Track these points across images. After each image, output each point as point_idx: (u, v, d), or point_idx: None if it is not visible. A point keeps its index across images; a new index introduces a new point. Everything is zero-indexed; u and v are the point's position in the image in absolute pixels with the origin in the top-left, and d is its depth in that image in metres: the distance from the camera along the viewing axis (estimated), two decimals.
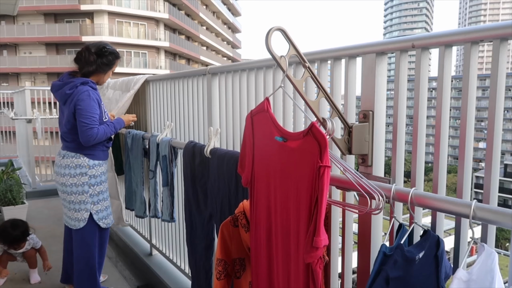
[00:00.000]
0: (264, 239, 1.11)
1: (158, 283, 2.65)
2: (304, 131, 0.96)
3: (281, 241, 1.06)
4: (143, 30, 26.72)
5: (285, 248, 1.05)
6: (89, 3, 24.81)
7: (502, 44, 0.88)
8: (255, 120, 1.12)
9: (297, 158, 0.97)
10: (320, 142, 0.91)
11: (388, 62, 1.21)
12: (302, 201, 0.97)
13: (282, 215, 1.05)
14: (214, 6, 35.59)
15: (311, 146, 0.93)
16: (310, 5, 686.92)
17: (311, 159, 0.93)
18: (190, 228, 1.90)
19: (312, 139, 0.93)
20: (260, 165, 1.11)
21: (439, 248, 0.86)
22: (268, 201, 1.09)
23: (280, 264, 1.08)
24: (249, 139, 1.14)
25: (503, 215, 0.77)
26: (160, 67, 27.32)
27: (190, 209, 1.87)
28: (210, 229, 1.81)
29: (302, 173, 0.96)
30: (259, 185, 1.12)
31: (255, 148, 1.12)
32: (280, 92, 1.48)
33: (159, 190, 2.43)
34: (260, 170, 1.11)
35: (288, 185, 1.02)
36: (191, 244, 1.92)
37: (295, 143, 0.99)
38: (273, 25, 1.05)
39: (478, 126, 50.33)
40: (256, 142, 1.12)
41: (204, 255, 1.86)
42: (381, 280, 0.88)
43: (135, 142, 2.59)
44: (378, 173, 1.14)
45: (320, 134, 0.92)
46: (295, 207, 0.99)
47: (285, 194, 1.03)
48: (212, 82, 1.96)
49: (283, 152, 1.02)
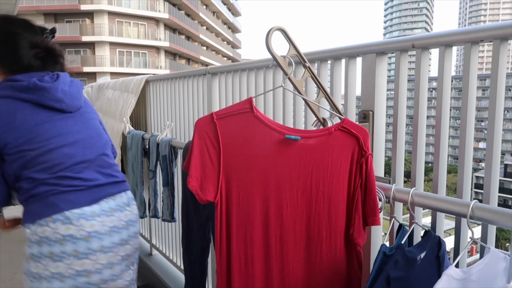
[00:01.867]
0: (260, 249, 1.04)
1: (158, 283, 2.65)
2: (334, 126, 1.00)
3: (298, 240, 1.04)
4: (143, 30, 26.72)
5: (312, 242, 1.04)
6: (89, 3, 24.81)
7: (502, 44, 0.88)
8: (222, 124, 1.02)
9: (326, 153, 1.00)
10: (361, 134, 0.99)
11: (388, 62, 1.21)
12: (340, 192, 1.01)
13: (300, 212, 1.03)
14: (214, 6, 35.59)
15: (344, 140, 1.00)
16: (310, 5, 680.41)
17: (347, 151, 1.00)
18: (186, 229, 1.88)
19: (344, 133, 1.00)
20: (245, 171, 1.03)
21: (440, 249, 0.86)
22: (266, 209, 1.03)
23: (298, 267, 1.05)
24: (210, 147, 1.02)
25: (503, 215, 0.77)
26: (160, 67, 27.32)
27: (187, 209, 1.86)
28: (207, 230, 1.80)
29: (335, 165, 1.00)
30: (245, 194, 1.03)
31: (225, 155, 1.02)
32: (280, 92, 1.48)
33: (159, 190, 2.43)
34: (245, 177, 1.03)
35: (310, 181, 1.01)
36: (186, 245, 1.90)
37: (317, 140, 1.00)
38: (273, 25, 1.05)
39: (478, 126, 50.34)
40: (228, 148, 1.02)
41: (200, 256, 1.84)
42: (382, 280, 0.88)
43: (135, 142, 2.59)
44: (378, 173, 1.14)
45: (358, 127, 1.00)
46: (330, 199, 1.02)
47: (305, 191, 1.02)
48: (212, 82, 1.96)
49: (294, 151, 1.01)
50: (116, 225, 1.20)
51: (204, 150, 1.02)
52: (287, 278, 1.05)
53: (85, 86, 3.97)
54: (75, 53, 25.51)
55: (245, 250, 1.04)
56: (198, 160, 1.01)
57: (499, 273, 0.74)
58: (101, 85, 3.44)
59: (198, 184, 1.01)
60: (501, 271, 0.74)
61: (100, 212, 1.17)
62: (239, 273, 1.04)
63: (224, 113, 1.03)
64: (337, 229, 1.03)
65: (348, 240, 1.03)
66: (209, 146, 1.02)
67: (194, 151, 1.02)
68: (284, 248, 1.04)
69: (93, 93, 3.64)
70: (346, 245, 1.03)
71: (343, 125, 1.00)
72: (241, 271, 1.04)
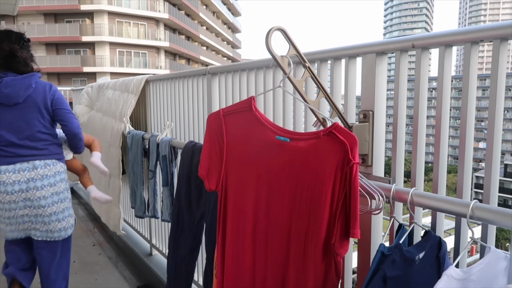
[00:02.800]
0: (250, 242, 1.09)
1: (158, 283, 2.65)
2: (323, 131, 0.97)
3: (281, 237, 1.05)
4: (143, 30, 26.72)
5: (294, 246, 1.04)
6: (89, 3, 24.80)
7: (502, 44, 0.88)
8: (227, 120, 1.09)
9: (313, 157, 0.98)
10: (348, 141, 0.94)
11: (388, 62, 1.21)
12: (321, 198, 0.98)
13: (283, 215, 1.04)
14: (214, 6, 35.59)
15: (332, 145, 0.96)
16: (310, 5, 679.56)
17: (333, 157, 0.95)
18: (175, 228, 1.84)
19: (332, 138, 0.96)
20: (242, 167, 1.08)
21: (441, 249, 0.86)
22: (257, 203, 1.07)
23: (278, 263, 1.06)
24: (217, 141, 1.10)
25: (503, 215, 0.77)
26: (160, 67, 27.32)
27: (179, 208, 1.83)
28: (199, 230, 1.78)
29: (320, 171, 0.98)
30: (240, 188, 1.09)
31: (228, 150, 1.09)
32: (280, 92, 1.48)
33: (158, 190, 2.43)
34: (242, 172, 1.08)
35: (296, 183, 1.01)
36: (174, 245, 1.85)
37: (306, 143, 0.99)
38: (273, 25, 1.05)
39: (478, 126, 50.33)
40: (231, 143, 1.09)
41: (188, 258, 1.80)
42: (378, 279, 0.88)
43: (135, 142, 2.59)
44: (378, 173, 1.14)
45: (347, 133, 0.95)
46: (311, 205, 1.00)
47: (291, 192, 1.02)
48: (212, 82, 1.96)
49: (285, 152, 1.02)
50: (19, 180, 1.89)
51: (213, 143, 1.11)
52: (270, 272, 1.07)
53: (85, 86, 3.97)
54: (75, 53, 25.52)
55: (237, 240, 1.11)
56: (207, 151, 1.13)
57: (500, 273, 0.74)
58: (101, 85, 3.44)
59: (205, 172, 1.13)
60: (502, 270, 0.74)
61: (11, 170, 1.88)
62: (231, 260, 1.12)
63: (230, 110, 1.10)
64: (316, 236, 0.99)
65: (327, 248, 0.99)
66: (217, 140, 1.11)
67: (205, 143, 1.13)
68: (269, 242, 1.07)
69: (93, 93, 3.65)
70: (325, 253, 0.99)
71: (332, 130, 0.96)
72: (233, 258, 1.12)
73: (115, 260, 3.27)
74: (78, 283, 2.82)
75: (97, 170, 2.33)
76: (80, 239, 3.71)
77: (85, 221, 4.32)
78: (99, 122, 3.16)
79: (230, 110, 1.10)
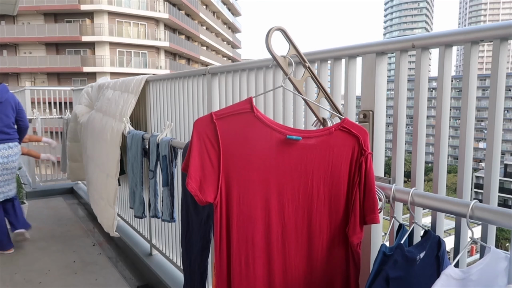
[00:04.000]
0: (262, 249, 1.04)
1: (158, 283, 2.65)
2: (334, 126, 1.01)
3: (300, 239, 1.04)
4: (143, 30, 26.72)
5: (313, 240, 1.05)
6: (89, 3, 24.81)
7: (502, 44, 0.88)
8: (222, 124, 1.02)
9: (327, 153, 1.01)
10: (360, 133, 1.00)
11: (388, 62, 1.21)
12: (340, 192, 1.02)
13: (299, 215, 1.04)
14: (214, 6, 35.59)
15: (345, 140, 1.01)
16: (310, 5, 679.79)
17: (347, 151, 1.01)
18: (186, 229, 1.87)
19: (345, 133, 1.01)
20: (244, 173, 1.02)
21: (440, 249, 0.86)
22: (267, 208, 1.04)
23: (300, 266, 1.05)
24: (209, 148, 1.01)
25: (503, 215, 0.77)
26: (160, 67, 27.32)
27: (187, 209, 1.85)
28: (207, 230, 1.80)
29: (336, 164, 1.01)
30: (244, 195, 1.03)
31: (225, 156, 1.02)
32: (280, 92, 1.48)
33: (159, 190, 2.43)
34: (245, 178, 1.02)
35: (311, 181, 1.02)
36: (186, 245, 1.89)
37: (317, 140, 1.01)
38: (273, 25, 1.05)
39: (478, 126, 50.34)
40: (228, 149, 1.01)
41: (200, 256, 1.83)
42: (381, 280, 0.88)
43: (135, 142, 2.59)
44: (378, 173, 1.14)
45: (358, 126, 1.01)
46: (330, 198, 1.03)
47: (306, 191, 1.03)
48: (212, 82, 1.96)
49: (296, 151, 1.01)
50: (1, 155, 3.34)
51: (203, 151, 1.01)
52: (290, 277, 1.05)
53: (85, 86, 3.97)
54: (75, 53, 25.53)
55: (246, 251, 1.03)
56: (197, 161, 1.00)
57: (500, 273, 0.74)
58: (101, 85, 3.44)
59: (197, 185, 1.00)
60: (502, 271, 0.74)
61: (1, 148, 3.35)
62: (239, 274, 1.03)
63: (224, 113, 1.02)
64: (338, 227, 1.04)
65: (347, 238, 1.04)
66: (209, 147, 1.01)
67: (193, 152, 1.01)
68: (287, 247, 1.04)
69: (93, 93, 3.64)
70: (346, 243, 1.04)
71: (343, 125, 1.01)
72: (241, 272, 1.03)
73: (115, 260, 3.27)
74: (78, 283, 2.82)
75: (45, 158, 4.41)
76: (80, 239, 3.71)
77: (85, 221, 4.32)
78: (99, 122, 3.15)
79: (225, 113, 1.02)
